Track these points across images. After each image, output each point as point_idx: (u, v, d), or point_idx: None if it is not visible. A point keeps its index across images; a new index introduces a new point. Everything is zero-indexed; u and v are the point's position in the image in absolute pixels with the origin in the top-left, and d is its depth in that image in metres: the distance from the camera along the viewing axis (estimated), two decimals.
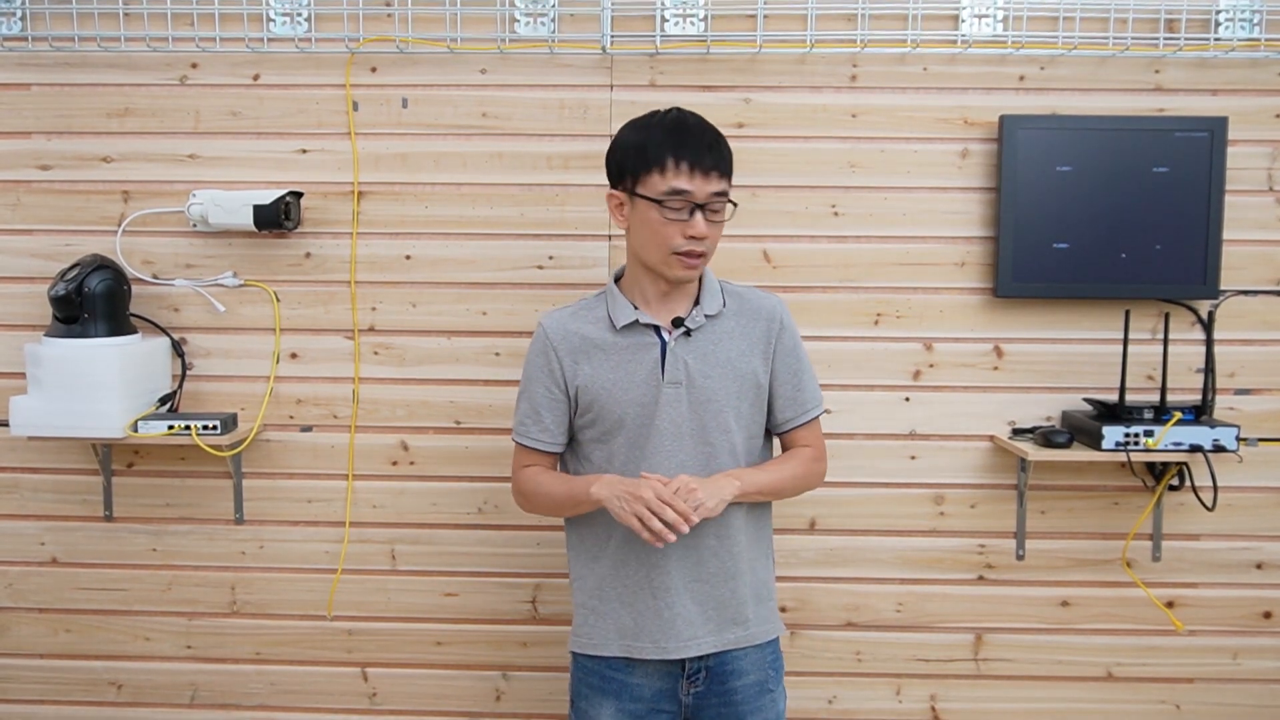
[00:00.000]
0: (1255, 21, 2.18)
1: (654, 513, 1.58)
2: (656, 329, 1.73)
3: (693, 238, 1.66)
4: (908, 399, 2.28)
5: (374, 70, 2.26)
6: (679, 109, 1.73)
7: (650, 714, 1.76)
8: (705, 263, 1.72)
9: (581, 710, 1.80)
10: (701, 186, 1.65)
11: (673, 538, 1.59)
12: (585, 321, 1.76)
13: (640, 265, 1.74)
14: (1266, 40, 2.19)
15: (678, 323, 1.73)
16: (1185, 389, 2.25)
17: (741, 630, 1.76)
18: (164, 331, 2.30)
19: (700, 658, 1.74)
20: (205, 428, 2.17)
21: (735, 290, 1.81)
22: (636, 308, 1.74)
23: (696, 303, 1.76)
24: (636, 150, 1.69)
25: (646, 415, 1.71)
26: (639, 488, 1.61)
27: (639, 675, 1.75)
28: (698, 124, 1.70)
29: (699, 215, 1.65)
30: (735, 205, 1.73)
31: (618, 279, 1.80)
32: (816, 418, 1.84)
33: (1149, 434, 2.10)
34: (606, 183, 2.23)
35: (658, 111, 1.73)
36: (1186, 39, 2.19)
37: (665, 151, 1.65)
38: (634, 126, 1.73)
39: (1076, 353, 2.27)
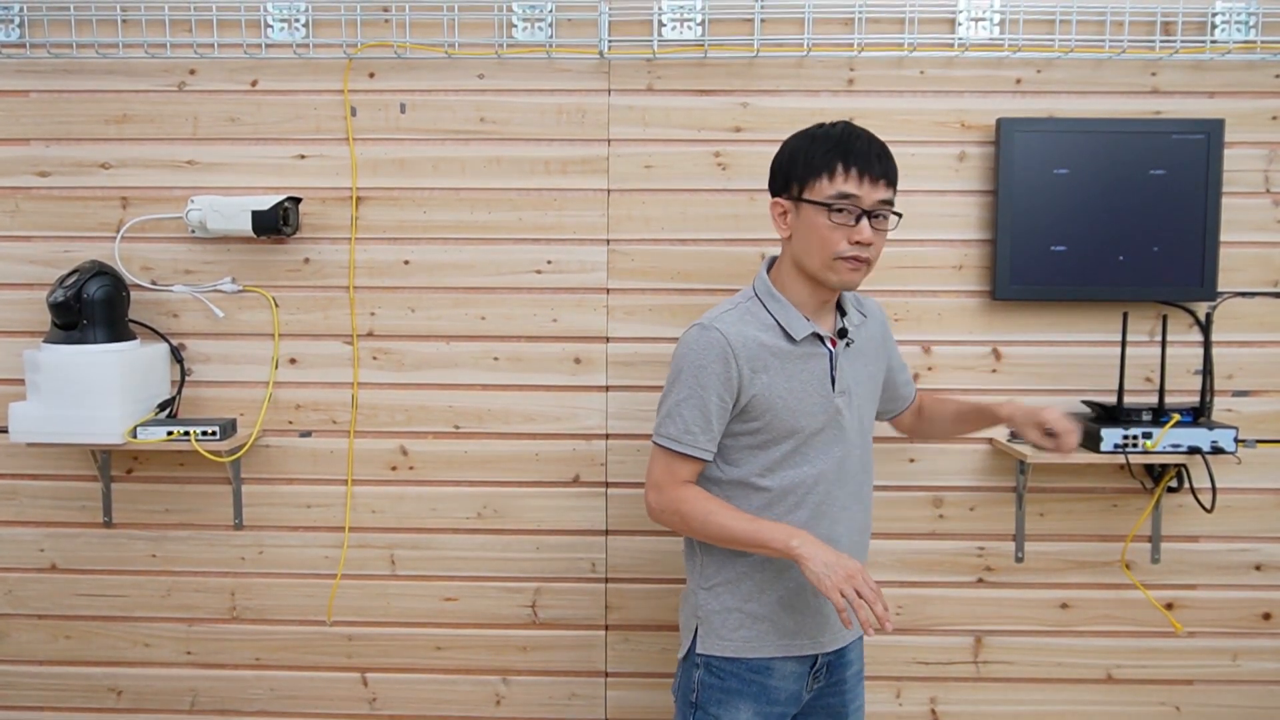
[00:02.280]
0: (1251, 24, 2.19)
1: (867, 601, 1.57)
2: (821, 339, 1.74)
3: (858, 243, 1.67)
4: None
5: (372, 75, 2.26)
6: (847, 122, 1.73)
7: (780, 718, 1.78)
8: (868, 271, 1.71)
9: (714, 716, 1.77)
10: (869, 193, 1.66)
11: (873, 632, 1.59)
12: (756, 328, 1.72)
13: (801, 275, 1.73)
14: (1263, 43, 2.19)
15: (842, 333, 1.76)
16: (1183, 391, 2.25)
17: None
18: (163, 337, 2.30)
19: (829, 652, 1.80)
20: (204, 433, 2.18)
21: (851, 294, 1.85)
22: (807, 318, 1.74)
23: (843, 313, 1.78)
24: (806, 157, 1.70)
25: (818, 425, 1.72)
26: (853, 568, 1.59)
27: (778, 678, 1.77)
28: (866, 134, 1.71)
29: (865, 221, 1.66)
30: (900, 216, 1.73)
31: (768, 287, 1.76)
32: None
33: (1147, 436, 2.10)
34: (604, 187, 2.27)
35: (825, 124, 1.74)
36: (1183, 41, 2.19)
37: (835, 157, 1.67)
38: (802, 136, 1.74)
39: (1075, 355, 2.27)
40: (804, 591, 1.75)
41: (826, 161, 1.67)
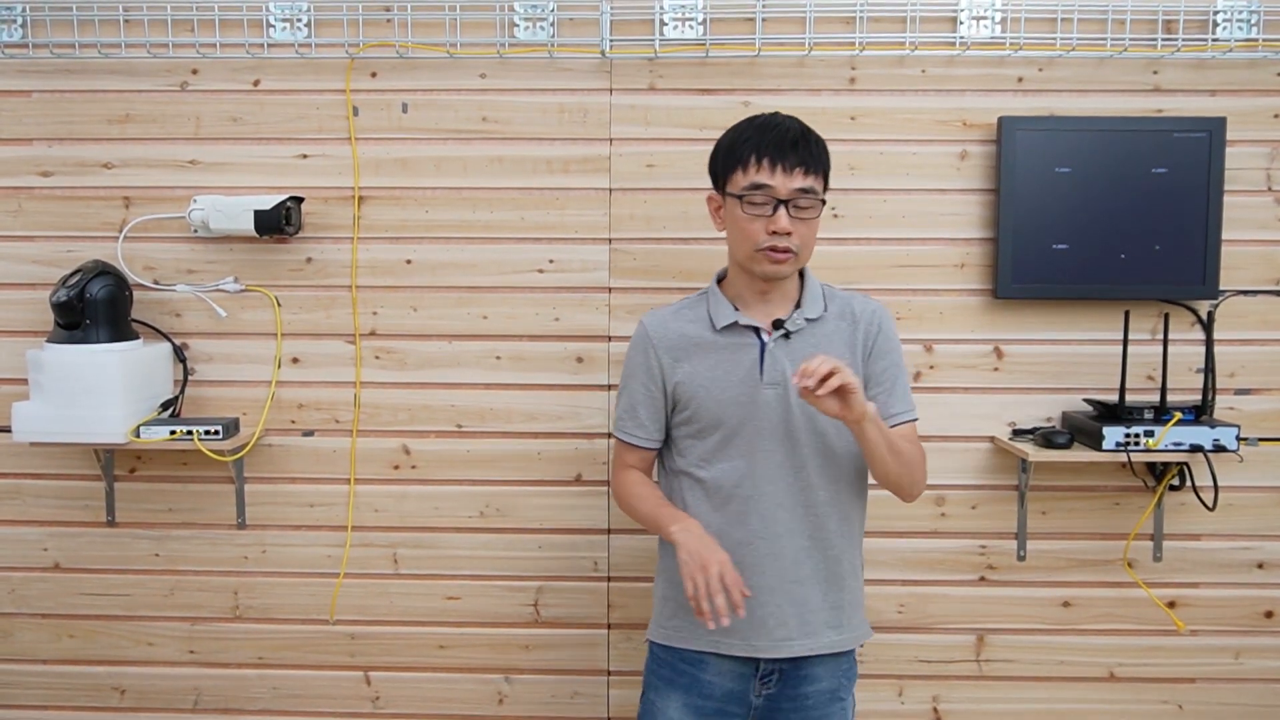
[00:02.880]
0: (1253, 22, 2.19)
1: (710, 592, 1.60)
2: (756, 330, 1.74)
3: (775, 233, 1.67)
4: None
5: (374, 75, 2.27)
6: (775, 112, 1.75)
7: (718, 714, 1.77)
8: (796, 261, 1.71)
9: (650, 701, 1.82)
10: (784, 182, 1.66)
11: (713, 625, 1.61)
12: (686, 320, 1.79)
13: (737, 265, 1.77)
14: (1264, 40, 2.19)
15: (778, 324, 1.73)
16: (1185, 389, 2.25)
17: (834, 635, 1.77)
18: (166, 337, 2.31)
19: (776, 660, 1.75)
20: (207, 433, 2.18)
21: (837, 294, 1.82)
22: (737, 309, 1.76)
23: (798, 305, 1.77)
24: (726, 150, 1.74)
25: (743, 415, 1.72)
26: (710, 559, 1.62)
27: (712, 673, 1.77)
28: (786, 122, 1.72)
29: (782, 211, 1.66)
30: (824, 203, 1.72)
31: (720, 280, 1.82)
32: (909, 423, 1.79)
33: (1149, 434, 2.10)
34: (605, 186, 2.27)
35: (753, 115, 1.76)
36: (1184, 40, 2.19)
37: (749, 148, 1.69)
38: (729, 130, 1.76)
39: (1076, 353, 2.27)
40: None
41: (741, 153, 1.69)
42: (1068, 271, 2.19)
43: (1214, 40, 2.19)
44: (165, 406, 2.27)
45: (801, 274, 1.80)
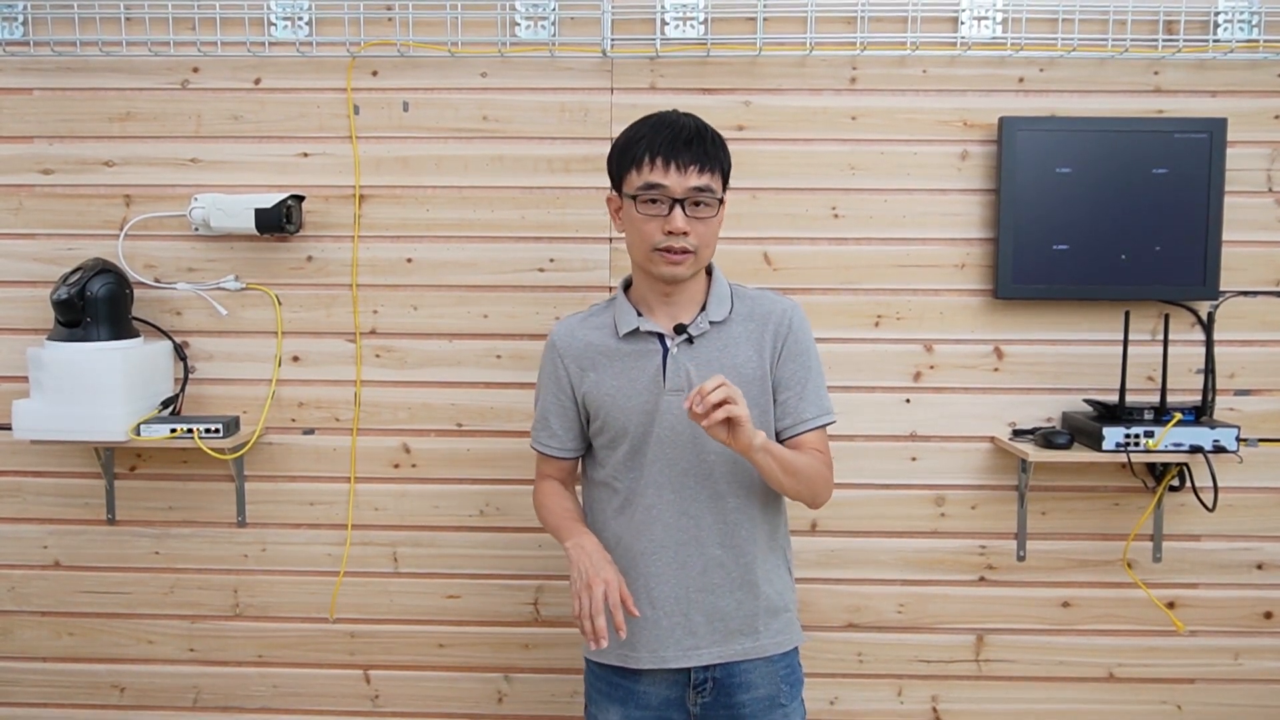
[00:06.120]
0: (1254, 23, 2.19)
1: (592, 613, 1.57)
2: (660, 336, 1.70)
3: (670, 233, 1.62)
4: (908, 400, 2.29)
5: (375, 74, 2.27)
6: (675, 110, 1.71)
7: None
8: (695, 261, 1.65)
9: (592, 715, 1.80)
10: (678, 181, 1.62)
11: (594, 646, 1.57)
12: (592, 328, 1.75)
13: (637, 268, 1.72)
14: (1265, 41, 2.19)
15: (680, 329, 1.68)
16: (1185, 390, 2.25)
17: (750, 642, 1.72)
18: (166, 335, 2.31)
19: (705, 668, 1.72)
20: (207, 431, 2.18)
21: (747, 294, 1.76)
22: (641, 314, 1.72)
23: (703, 308, 1.71)
24: (621, 149, 1.69)
25: (647, 423, 1.68)
26: (596, 579, 1.58)
27: (645, 683, 1.74)
28: (681, 120, 1.66)
29: (677, 210, 1.62)
30: (722, 202, 1.67)
31: (627, 285, 1.78)
32: (820, 428, 1.73)
33: (1149, 435, 2.10)
34: (607, 185, 2.26)
35: (651, 114, 1.70)
36: (1185, 40, 2.19)
37: (642, 147, 1.64)
38: (627, 128, 1.71)
39: (1077, 354, 2.27)
40: (640, 602, 1.67)
41: (636, 152, 1.65)
42: (1068, 272, 2.19)
43: (1215, 41, 2.19)
44: (166, 404, 2.27)
45: (710, 274, 1.75)
